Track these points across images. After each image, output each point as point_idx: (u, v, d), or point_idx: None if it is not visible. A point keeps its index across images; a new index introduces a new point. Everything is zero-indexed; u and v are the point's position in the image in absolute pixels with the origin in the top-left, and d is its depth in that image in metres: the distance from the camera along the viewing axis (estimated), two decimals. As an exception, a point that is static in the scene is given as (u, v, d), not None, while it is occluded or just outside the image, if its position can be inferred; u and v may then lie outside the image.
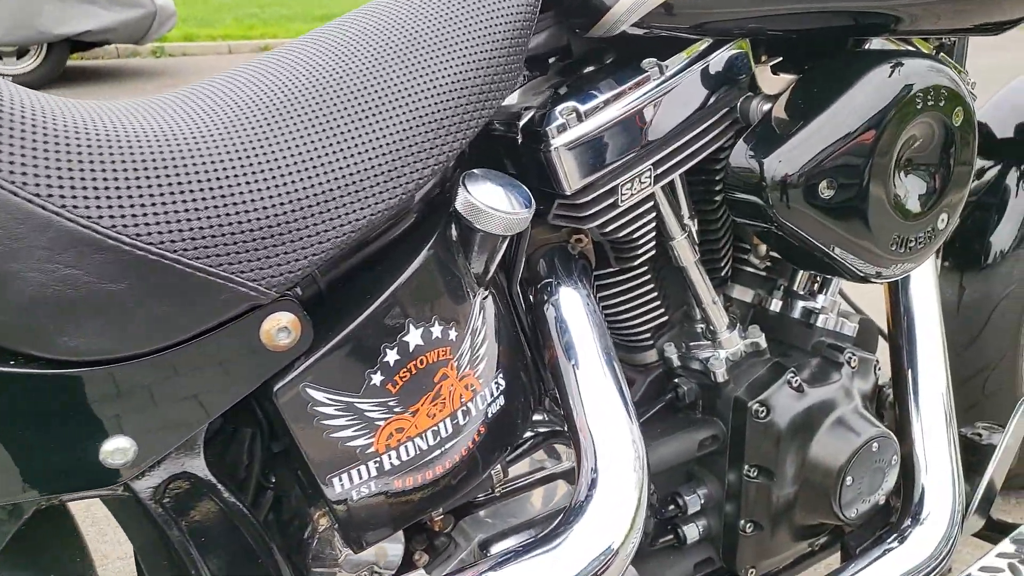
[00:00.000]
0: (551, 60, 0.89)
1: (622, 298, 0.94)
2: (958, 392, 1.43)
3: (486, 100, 0.70)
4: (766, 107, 0.85)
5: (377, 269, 0.67)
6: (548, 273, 0.85)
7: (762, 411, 0.93)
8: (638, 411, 0.99)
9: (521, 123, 0.81)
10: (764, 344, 0.99)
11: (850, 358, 0.99)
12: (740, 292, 1.06)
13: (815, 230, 0.82)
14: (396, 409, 0.66)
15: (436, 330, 0.68)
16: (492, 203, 0.68)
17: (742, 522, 0.97)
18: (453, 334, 0.69)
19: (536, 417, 0.91)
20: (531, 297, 0.86)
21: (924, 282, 1.09)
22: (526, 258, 0.89)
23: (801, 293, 1.06)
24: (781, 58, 0.88)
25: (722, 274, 1.02)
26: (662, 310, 0.98)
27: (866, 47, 0.95)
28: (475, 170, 0.71)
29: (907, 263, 0.90)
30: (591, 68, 0.86)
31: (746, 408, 0.93)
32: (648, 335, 0.99)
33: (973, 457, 1.10)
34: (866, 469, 0.94)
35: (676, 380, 0.99)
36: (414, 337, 0.66)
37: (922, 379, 1.05)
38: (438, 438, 0.69)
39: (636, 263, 0.90)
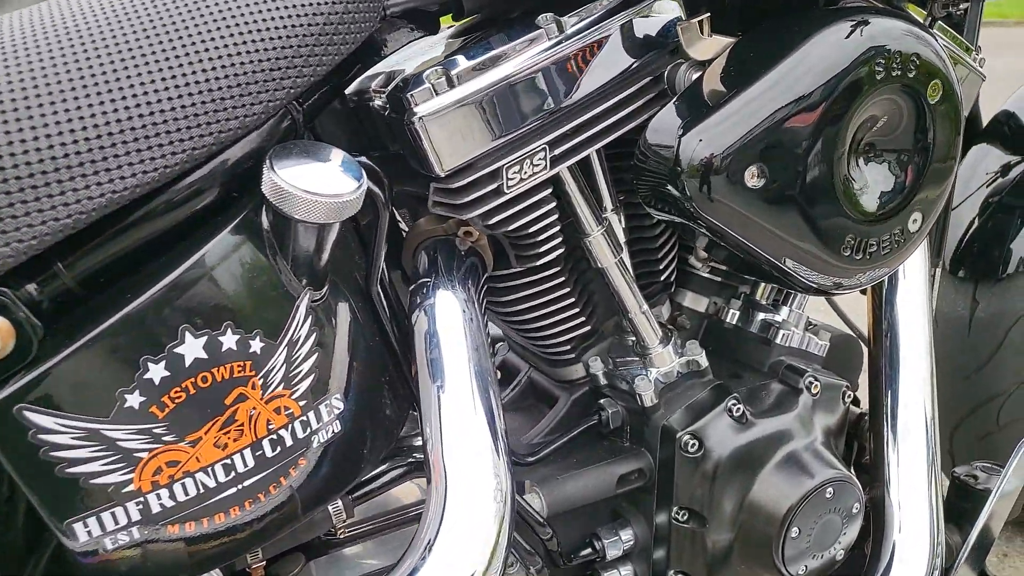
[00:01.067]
0: (444, 20, 0.75)
1: (531, 303, 0.80)
2: (968, 422, 1.25)
3: (310, 56, 0.57)
4: (697, 75, 0.69)
5: (152, 263, 0.54)
6: (427, 272, 0.71)
7: (693, 444, 0.78)
8: (557, 434, 0.85)
9: (388, 89, 0.67)
10: (705, 363, 0.83)
11: (811, 383, 0.83)
12: (693, 300, 0.91)
13: (745, 229, 0.66)
14: (166, 438, 0.53)
15: (229, 340, 0.54)
16: (304, 184, 0.54)
17: (671, 573, 0.82)
18: (257, 345, 0.56)
19: (420, 442, 0.77)
20: (406, 300, 0.72)
21: (912, 291, 0.91)
22: (411, 253, 0.76)
23: (763, 303, 0.90)
24: (718, 16, 0.72)
25: (662, 278, 0.86)
26: (583, 319, 0.83)
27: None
28: (288, 143, 0.57)
29: (876, 270, 0.74)
30: (485, 28, 0.72)
31: (675, 439, 0.78)
32: (568, 347, 0.84)
33: (967, 504, 0.93)
34: (817, 519, 0.78)
35: (601, 401, 0.84)
36: (193, 348, 0.53)
37: (903, 408, 0.88)
38: (232, 473, 0.56)
39: (541, 263, 0.75)
